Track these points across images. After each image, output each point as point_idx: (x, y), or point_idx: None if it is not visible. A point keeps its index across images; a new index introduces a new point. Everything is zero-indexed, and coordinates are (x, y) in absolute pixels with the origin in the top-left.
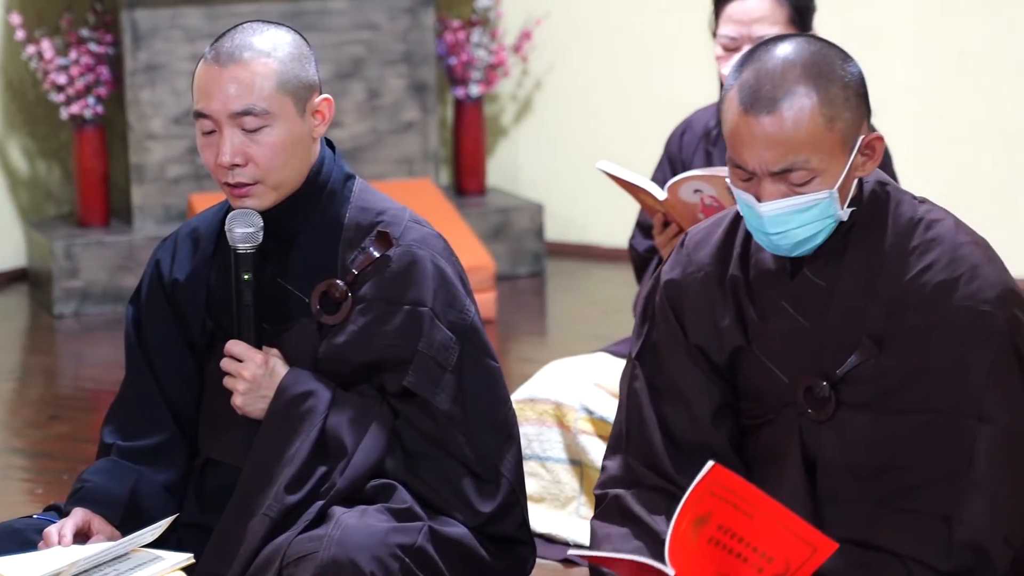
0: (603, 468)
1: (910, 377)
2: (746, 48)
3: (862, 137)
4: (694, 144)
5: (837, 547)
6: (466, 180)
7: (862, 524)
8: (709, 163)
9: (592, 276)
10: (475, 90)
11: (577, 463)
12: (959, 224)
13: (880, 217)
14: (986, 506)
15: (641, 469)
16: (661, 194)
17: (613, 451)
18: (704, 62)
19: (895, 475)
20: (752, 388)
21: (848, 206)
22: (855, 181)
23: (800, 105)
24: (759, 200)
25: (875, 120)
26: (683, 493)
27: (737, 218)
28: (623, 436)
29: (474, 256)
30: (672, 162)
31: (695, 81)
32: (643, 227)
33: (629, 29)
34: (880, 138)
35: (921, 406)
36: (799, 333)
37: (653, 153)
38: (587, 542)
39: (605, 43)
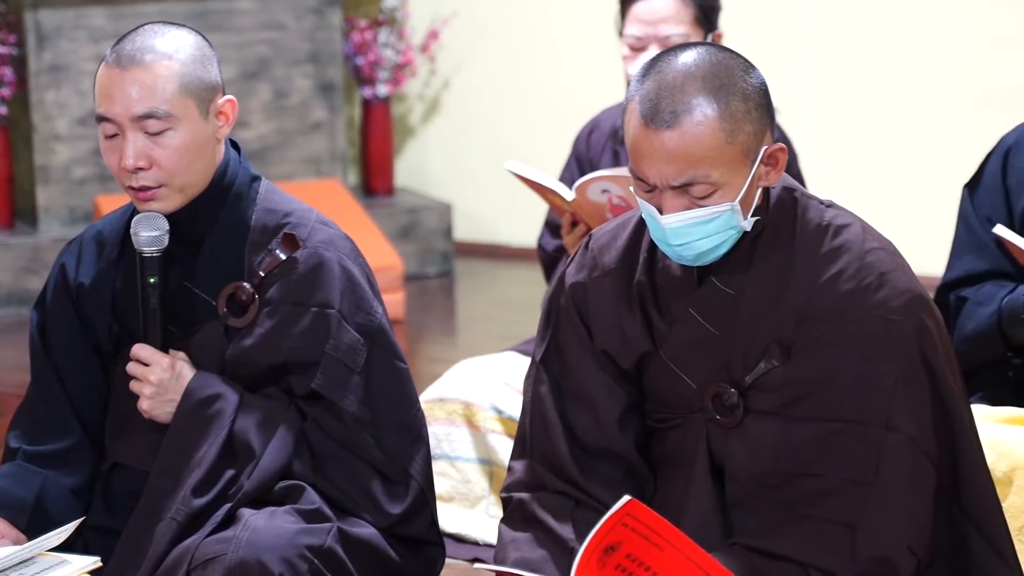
0: (509, 469)
1: (818, 385)
2: (652, 48)
3: (765, 148)
4: (602, 143)
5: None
6: (374, 180)
7: (768, 531)
8: (617, 162)
9: (501, 276)
10: (383, 90)
11: (487, 462)
12: (866, 229)
13: (787, 224)
14: (891, 515)
15: (546, 473)
16: (569, 194)
17: (518, 454)
18: (611, 61)
19: (802, 483)
20: (659, 393)
21: (753, 214)
22: (759, 190)
23: (700, 120)
24: (661, 212)
25: (786, 119)
26: (588, 497)
27: (642, 221)
28: (527, 439)
29: (382, 256)
30: (580, 161)
31: (602, 80)
32: (551, 227)
33: (537, 28)
34: (783, 148)
35: (829, 415)
36: (707, 340)
37: (561, 152)
38: (496, 542)
39: (513, 42)
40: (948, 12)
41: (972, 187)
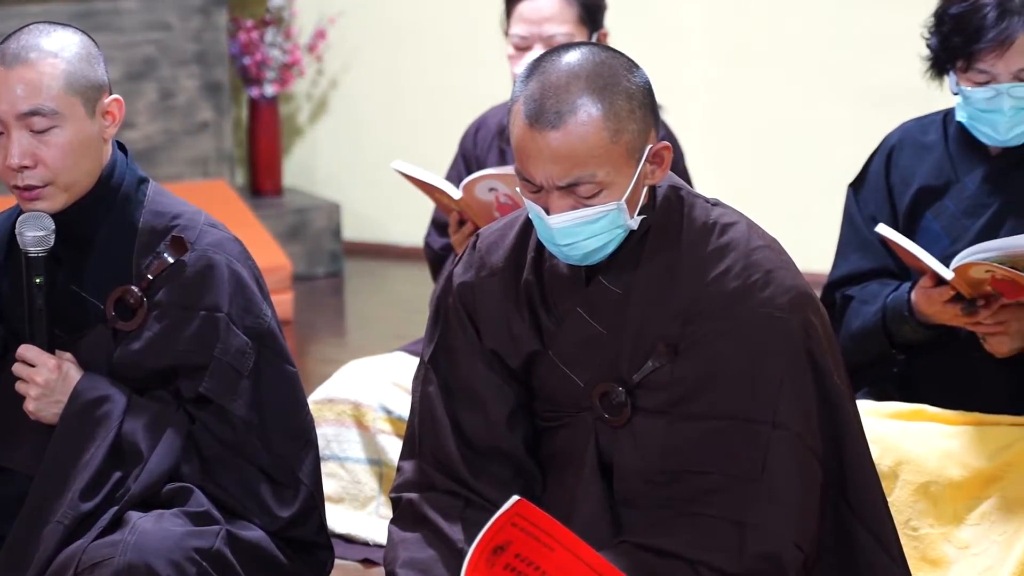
0: (399, 470)
1: (705, 383)
2: (537, 48)
3: (650, 147)
4: (488, 142)
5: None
6: (262, 180)
7: (656, 528)
8: (503, 161)
9: (390, 275)
10: (270, 90)
11: (376, 463)
12: (752, 227)
13: (674, 223)
14: (778, 512)
15: (435, 473)
16: (456, 193)
17: (407, 454)
18: (497, 60)
19: (690, 481)
20: (548, 392)
21: (639, 213)
22: (645, 189)
23: (585, 120)
24: (548, 213)
25: (671, 118)
26: (477, 497)
27: (530, 220)
28: (416, 440)
29: (270, 257)
30: (467, 160)
31: (488, 79)
32: (439, 225)
33: (423, 27)
34: (668, 147)
35: (716, 412)
36: (595, 339)
37: (448, 151)
38: (386, 543)
39: (400, 41)
40: (830, 11)
41: (856, 187)
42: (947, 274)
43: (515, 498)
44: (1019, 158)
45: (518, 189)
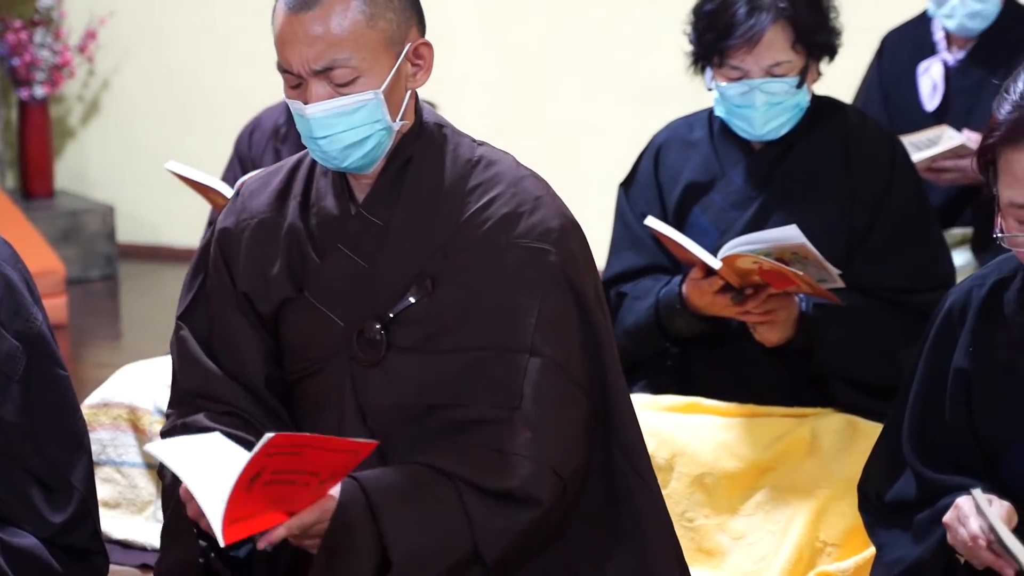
0: (166, 416)
1: (463, 315)
2: None
3: (410, 44)
4: (263, 143)
5: (376, 444)
6: (33, 183)
7: (420, 454)
8: (278, 160)
9: (165, 277)
10: (40, 91)
11: (154, 467)
12: (518, 162)
13: (437, 156)
14: (536, 438)
15: (200, 401)
16: (229, 191)
17: (174, 401)
18: (269, 61)
19: (449, 414)
20: (301, 339)
21: (403, 142)
22: (408, 95)
23: (340, 1)
24: (306, 104)
25: (443, 112)
26: (246, 415)
27: (296, 166)
28: (179, 385)
29: (42, 260)
30: (242, 160)
31: (261, 80)
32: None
33: (196, 28)
34: (428, 44)
35: (475, 344)
36: (356, 274)
37: (223, 151)
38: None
39: (172, 42)
40: (602, 7)
41: (627, 186)
42: (715, 263)
43: (268, 435)
44: (781, 151)
45: (286, 96)
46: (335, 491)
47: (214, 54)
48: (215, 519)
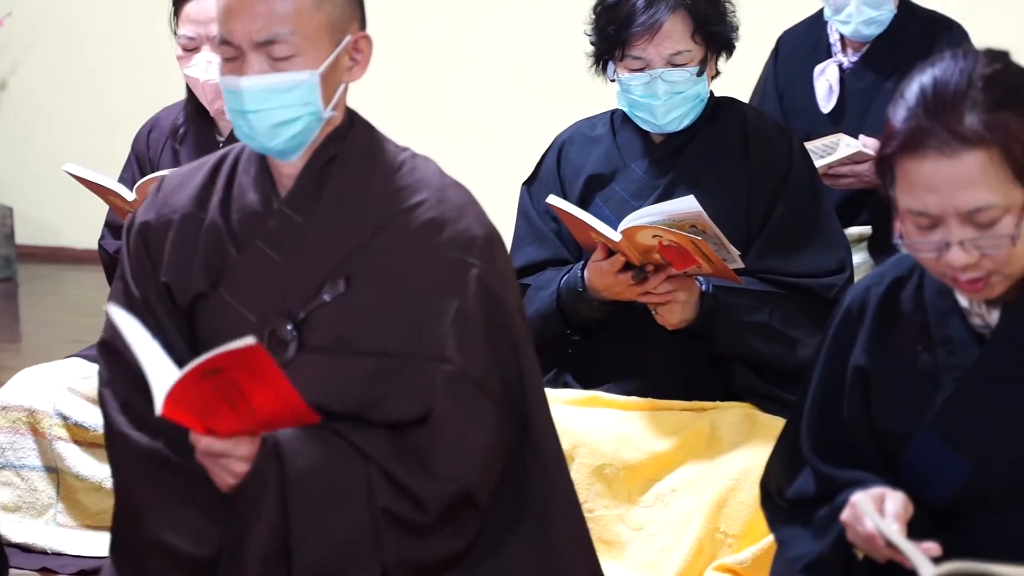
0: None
1: (375, 319)
2: (205, 48)
3: (351, 36)
4: (161, 142)
5: (319, 419)
6: None
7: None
8: (176, 161)
9: (65, 279)
10: None
11: (53, 470)
12: (442, 171)
13: (363, 156)
14: (444, 451)
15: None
16: (129, 195)
17: (104, 381)
18: (167, 61)
19: (355, 421)
20: (215, 337)
21: (331, 138)
22: (342, 88)
23: None
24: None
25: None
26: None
27: (219, 163)
28: (111, 370)
29: None
30: (140, 161)
31: (160, 79)
32: (113, 227)
33: (94, 28)
34: (368, 38)
35: (387, 349)
36: (272, 271)
37: (121, 152)
38: (67, 550)
39: (70, 42)
40: (508, 5)
41: (530, 183)
42: (615, 236)
43: (253, 340)
44: (681, 144)
45: (217, 72)
46: (253, 444)
47: (112, 54)
48: (159, 389)
